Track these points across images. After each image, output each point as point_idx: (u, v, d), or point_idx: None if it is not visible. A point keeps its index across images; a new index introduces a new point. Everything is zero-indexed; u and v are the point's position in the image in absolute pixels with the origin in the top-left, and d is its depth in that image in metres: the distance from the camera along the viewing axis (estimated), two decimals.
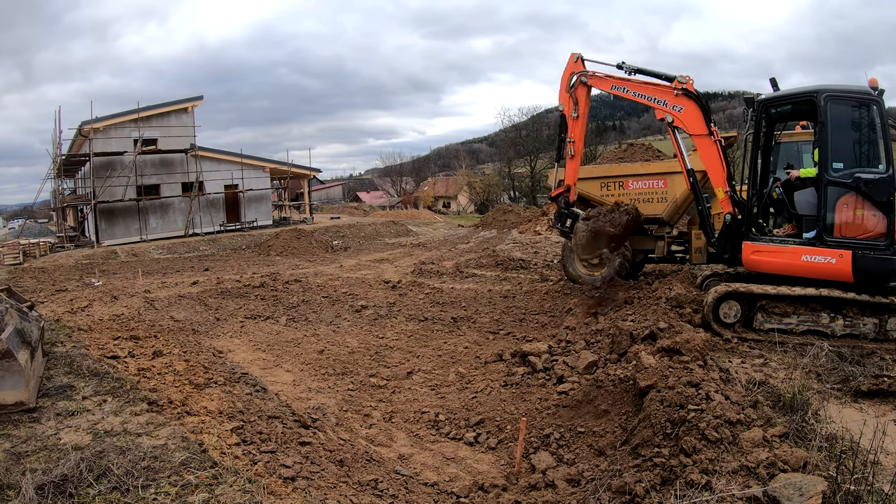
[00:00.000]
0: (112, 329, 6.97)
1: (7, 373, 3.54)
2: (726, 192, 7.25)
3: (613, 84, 8.64)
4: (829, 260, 5.97)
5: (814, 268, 6.09)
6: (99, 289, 11.90)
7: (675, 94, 7.80)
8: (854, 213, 5.95)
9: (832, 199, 6.01)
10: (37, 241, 22.69)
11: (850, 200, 5.94)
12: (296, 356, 6.99)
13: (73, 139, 24.83)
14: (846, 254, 5.87)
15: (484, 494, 3.88)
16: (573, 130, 9.06)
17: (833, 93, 6.03)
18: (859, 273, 5.83)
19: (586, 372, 5.51)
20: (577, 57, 8.81)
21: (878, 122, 5.84)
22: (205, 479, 2.89)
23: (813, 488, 2.72)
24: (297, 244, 21.15)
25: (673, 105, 7.82)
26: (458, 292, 10.84)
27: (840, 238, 5.97)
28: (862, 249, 5.83)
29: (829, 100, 6.00)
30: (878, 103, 5.87)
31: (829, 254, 5.98)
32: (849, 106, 6.01)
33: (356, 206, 53.17)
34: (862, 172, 5.86)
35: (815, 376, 5.08)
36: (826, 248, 6.01)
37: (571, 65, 8.88)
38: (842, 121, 6.01)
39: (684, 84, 7.76)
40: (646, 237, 10.78)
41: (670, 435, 3.49)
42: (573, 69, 8.86)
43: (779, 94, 6.71)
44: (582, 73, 8.77)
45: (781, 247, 6.39)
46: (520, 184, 53.42)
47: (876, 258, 5.76)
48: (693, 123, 7.67)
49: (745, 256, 6.75)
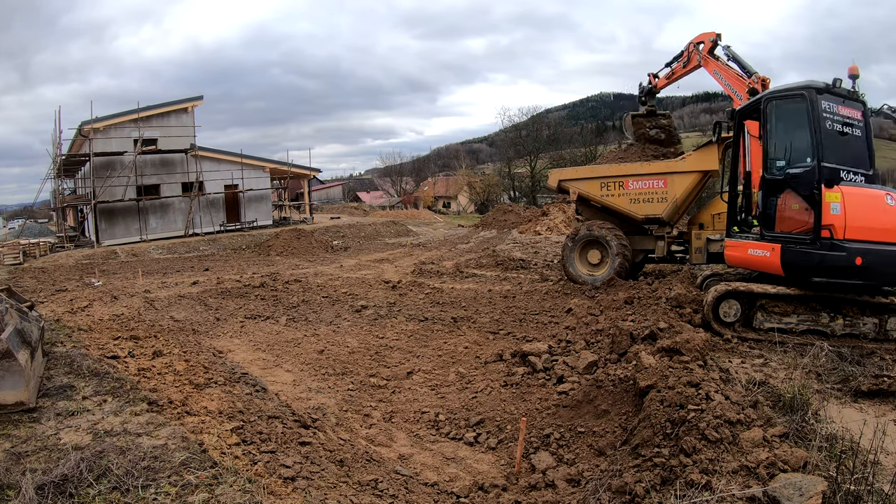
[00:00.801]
0: (112, 329, 6.98)
1: (7, 373, 3.53)
2: None
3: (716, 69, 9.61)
4: (765, 253, 6.17)
5: (756, 261, 6.36)
6: (99, 289, 11.90)
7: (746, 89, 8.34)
8: (788, 209, 6.11)
9: (773, 196, 6.28)
10: (37, 241, 22.70)
11: (787, 197, 6.13)
12: (296, 356, 6.99)
13: (73, 139, 24.83)
14: (776, 247, 6.03)
15: (484, 494, 3.88)
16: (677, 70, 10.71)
17: (772, 95, 6.35)
18: (787, 266, 5.97)
19: (586, 372, 5.51)
20: (714, 38, 9.77)
21: (810, 115, 5.89)
22: (205, 479, 2.89)
23: (813, 488, 2.72)
24: (297, 244, 21.15)
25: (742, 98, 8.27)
26: (458, 292, 10.84)
27: (776, 233, 6.19)
28: (789, 243, 5.96)
29: (769, 101, 6.33)
30: (808, 97, 5.92)
31: (765, 248, 6.19)
32: (785, 104, 6.23)
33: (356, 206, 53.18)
34: (793, 168, 6.04)
35: (815, 376, 5.08)
36: (764, 243, 6.25)
37: (706, 36, 9.89)
38: (780, 119, 6.27)
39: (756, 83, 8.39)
40: (646, 237, 10.79)
41: (670, 435, 3.48)
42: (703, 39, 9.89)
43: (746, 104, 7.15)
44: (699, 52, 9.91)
45: (738, 241, 6.76)
46: (520, 184, 53.41)
47: (801, 252, 5.85)
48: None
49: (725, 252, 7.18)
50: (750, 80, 8.76)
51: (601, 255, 10.64)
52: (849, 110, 6.12)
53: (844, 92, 6.08)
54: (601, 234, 10.43)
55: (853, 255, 5.49)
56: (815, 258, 5.67)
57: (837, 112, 6.02)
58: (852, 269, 5.51)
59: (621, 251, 10.25)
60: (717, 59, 9.79)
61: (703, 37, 10.03)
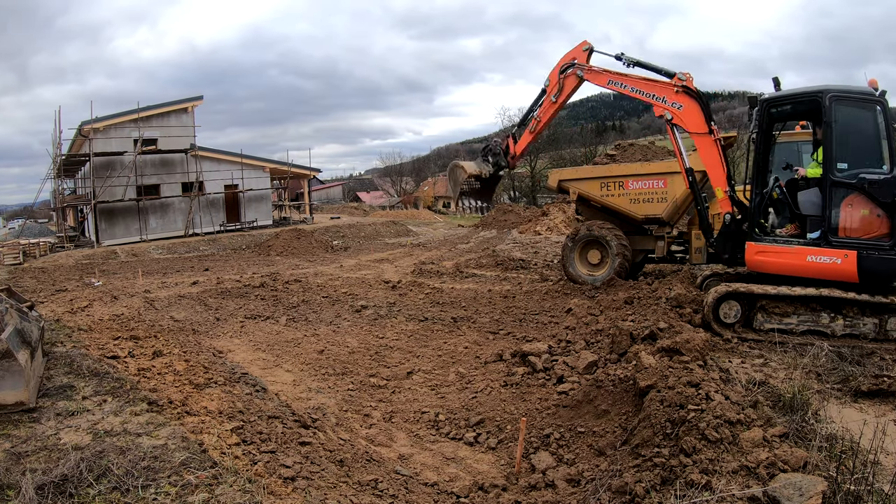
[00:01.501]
0: (112, 329, 6.98)
1: (7, 373, 3.54)
2: (726, 192, 7.20)
3: (610, 79, 8.41)
4: (834, 260, 5.97)
5: (818, 268, 6.08)
6: (99, 289, 11.90)
7: (675, 90, 7.68)
8: (859, 214, 5.96)
9: (837, 199, 6.02)
10: (37, 241, 22.70)
11: (855, 201, 5.95)
12: (296, 356, 6.99)
13: (72, 139, 24.84)
14: (851, 254, 5.88)
15: (484, 494, 3.88)
16: (545, 111, 9.16)
17: (838, 93, 6.01)
18: (864, 273, 5.85)
19: (586, 372, 5.51)
20: (588, 48, 8.66)
21: (885, 121, 5.86)
22: (205, 479, 2.89)
23: (813, 488, 2.72)
24: (297, 244, 21.15)
25: (672, 102, 7.70)
26: (458, 292, 10.84)
27: (844, 238, 5.98)
28: (866, 250, 5.84)
29: (834, 100, 5.98)
30: (881, 104, 5.88)
31: (835, 254, 5.98)
32: (853, 106, 6.01)
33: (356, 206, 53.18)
34: (867, 173, 5.88)
35: (815, 376, 5.08)
36: (831, 249, 6.01)
37: (578, 52, 8.73)
38: (846, 121, 6.01)
39: (684, 81, 7.64)
40: (646, 237, 10.79)
41: (670, 435, 3.48)
42: (576, 56, 8.72)
43: (782, 94, 6.65)
44: (579, 66, 8.66)
45: (786, 247, 6.36)
46: (520, 184, 53.39)
47: (880, 258, 5.78)
48: (693, 121, 7.56)
49: (749, 257, 6.69)
50: (675, 79, 7.71)
51: (601, 255, 10.64)
52: None
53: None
54: (601, 234, 10.43)
55: None
56: None
57: None
58: None
59: (621, 251, 10.24)
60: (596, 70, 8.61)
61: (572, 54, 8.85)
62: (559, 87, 8.81)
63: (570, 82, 8.79)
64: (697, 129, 7.50)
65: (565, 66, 8.77)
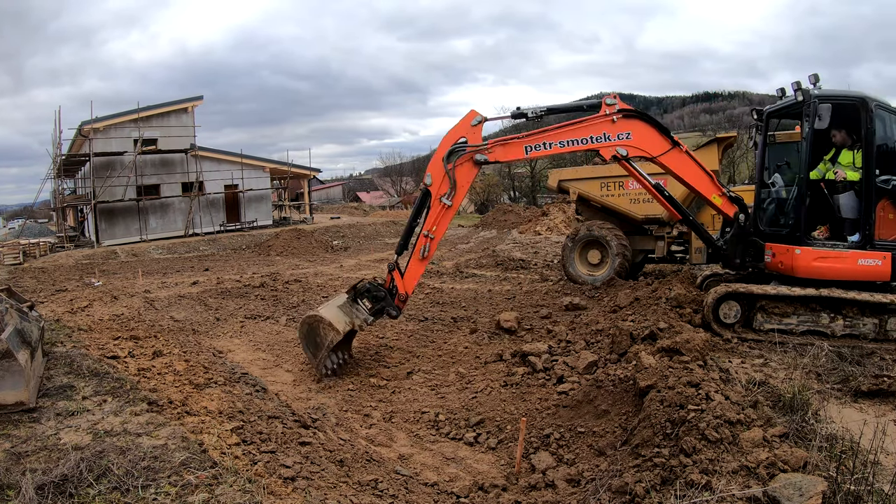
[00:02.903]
0: (112, 329, 6.98)
1: (7, 373, 3.54)
2: (722, 195, 6.93)
3: (527, 145, 6.53)
4: (876, 262, 6.09)
5: (863, 270, 6.14)
6: (99, 289, 11.90)
7: (612, 120, 6.43)
8: (887, 217, 6.16)
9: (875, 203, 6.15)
10: (37, 241, 22.70)
11: (886, 205, 6.16)
12: (296, 356, 6.98)
13: (72, 139, 24.83)
14: (888, 255, 6.05)
15: (484, 494, 3.88)
16: (437, 221, 6.46)
17: (879, 102, 6.15)
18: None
19: (586, 372, 5.51)
20: (479, 120, 6.49)
21: None
22: (205, 479, 2.89)
23: (813, 488, 2.72)
24: (297, 244, 21.15)
25: (618, 134, 6.47)
26: (458, 292, 10.84)
27: (884, 241, 6.14)
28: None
29: (879, 108, 6.09)
30: None
31: (877, 256, 6.10)
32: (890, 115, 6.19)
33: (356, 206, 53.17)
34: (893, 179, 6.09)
35: (815, 376, 5.08)
36: (875, 252, 6.13)
37: (465, 128, 6.52)
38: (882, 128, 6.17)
39: (615, 103, 6.40)
40: (646, 237, 10.79)
41: (670, 435, 3.48)
42: (463, 134, 6.51)
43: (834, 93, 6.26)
44: (476, 150, 6.42)
45: (843, 252, 6.21)
46: (520, 184, 53.39)
47: None
48: (652, 143, 6.55)
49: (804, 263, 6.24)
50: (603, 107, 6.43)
51: (601, 255, 10.64)
52: None
53: None
54: (601, 234, 10.43)
55: None
56: None
57: None
58: None
59: (621, 251, 10.25)
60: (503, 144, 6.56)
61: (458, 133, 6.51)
62: (451, 183, 6.32)
63: (466, 172, 6.45)
64: (660, 149, 6.52)
65: (452, 150, 6.38)
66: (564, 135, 6.50)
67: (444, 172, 6.32)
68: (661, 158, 6.55)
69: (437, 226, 6.48)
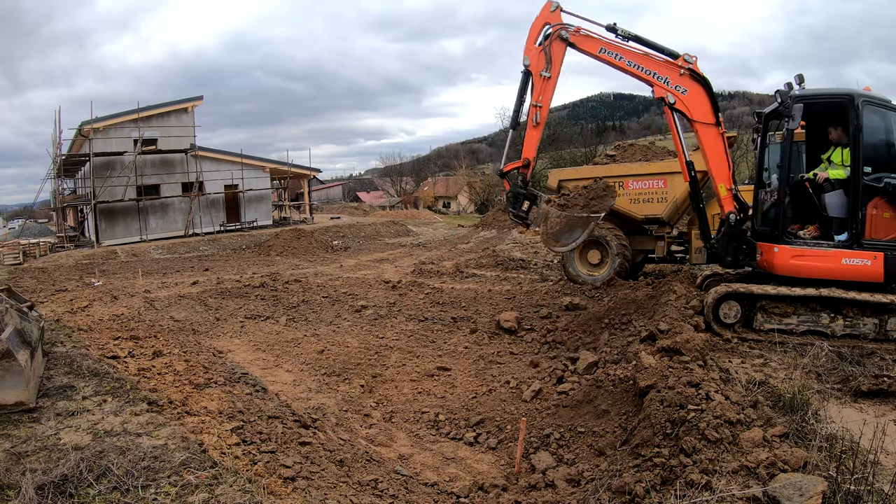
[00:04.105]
0: (112, 329, 6.97)
1: (7, 373, 3.53)
2: (729, 190, 6.95)
3: (603, 47, 7.11)
4: (865, 262, 6.04)
5: (852, 270, 6.11)
6: (99, 289, 11.90)
7: (680, 72, 6.89)
8: (881, 217, 6.07)
9: (864, 202, 6.09)
10: (37, 241, 22.67)
11: (879, 204, 6.05)
12: (296, 356, 6.99)
13: (72, 139, 24.82)
14: (879, 255, 5.99)
15: (484, 494, 3.88)
16: (541, 93, 7.32)
17: (868, 98, 6.10)
18: (890, 274, 5.98)
19: (586, 372, 5.51)
20: (556, 6, 7.19)
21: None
22: (205, 479, 2.88)
23: (813, 488, 2.71)
24: (297, 244, 21.14)
25: (676, 85, 6.94)
26: (458, 292, 10.84)
27: (873, 241, 6.07)
28: (891, 251, 5.96)
29: (867, 104, 6.06)
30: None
31: (865, 256, 6.05)
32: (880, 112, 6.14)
33: (356, 206, 53.15)
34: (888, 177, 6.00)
35: (815, 376, 5.08)
36: (862, 251, 6.08)
37: (546, 14, 7.26)
38: (873, 126, 6.12)
39: (691, 63, 6.87)
40: (646, 237, 10.80)
41: (670, 435, 3.48)
42: (548, 19, 7.24)
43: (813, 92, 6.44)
44: (561, 27, 7.17)
45: (822, 250, 6.26)
46: None
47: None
48: (699, 109, 6.91)
49: (781, 261, 6.40)
50: (680, 60, 6.94)
51: (601, 255, 10.65)
52: None
53: None
54: (601, 234, 10.43)
55: None
56: None
57: None
58: None
59: (621, 251, 10.25)
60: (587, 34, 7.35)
61: (542, 19, 7.30)
62: (547, 58, 7.18)
63: (556, 48, 7.21)
64: (703, 117, 6.87)
65: (540, 35, 7.27)
66: (637, 58, 7.08)
67: (538, 52, 7.25)
68: (697, 125, 6.96)
69: (543, 95, 7.34)
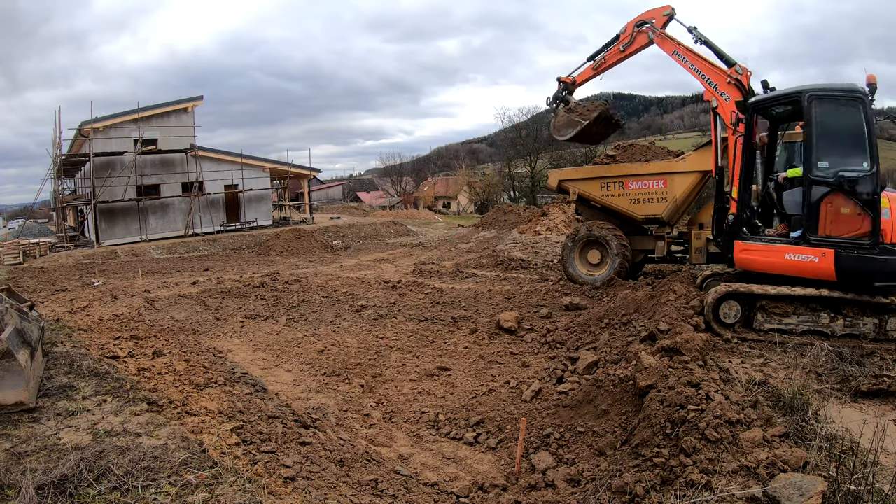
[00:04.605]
0: (112, 329, 6.97)
1: (7, 373, 3.53)
2: None
3: (676, 50, 8.70)
4: (812, 259, 5.97)
5: (797, 266, 6.11)
6: (99, 289, 11.90)
7: (727, 80, 7.84)
8: (836, 212, 5.93)
9: (817, 198, 6.00)
10: (37, 241, 22.66)
11: (835, 200, 5.93)
12: (296, 356, 6.99)
13: (72, 139, 24.81)
14: (829, 252, 5.86)
15: (484, 494, 3.88)
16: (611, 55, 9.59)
17: (820, 93, 6.04)
18: (842, 272, 5.83)
19: (586, 372, 5.51)
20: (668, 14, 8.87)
21: (866, 119, 5.79)
22: (205, 479, 2.88)
23: (813, 488, 2.71)
24: (297, 244, 21.14)
25: (721, 91, 7.87)
26: (458, 292, 10.83)
27: (823, 237, 5.97)
28: (845, 248, 5.82)
29: (814, 99, 6.01)
30: (863, 101, 5.81)
31: (812, 252, 5.98)
32: (836, 105, 6.02)
33: (356, 206, 53.14)
34: (845, 171, 5.84)
35: (815, 376, 5.08)
36: (809, 247, 6.02)
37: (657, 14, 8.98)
38: (827, 120, 6.02)
39: (739, 75, 7.78)
40: (646, 237, 10.78)
41: (670, 435, 3.48)
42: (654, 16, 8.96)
43: (767, 97, 6.79)
44: (653, 28, 8.94)
45: (768, 245, 6.42)
46: (520, 184, 53.34)
47: (860, 257, 5.73)
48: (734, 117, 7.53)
49: (735, 255, 6.81)
50: (731, 70, 7.98)
51: (601, 255, 10.64)
52: None
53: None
54: (601, 234, 10.43)
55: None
56: (878, 263, 5.63)
57: None
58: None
59: (621, 251, 10.24)
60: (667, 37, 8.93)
61: (652, 13, 9.12)
62: (630, 39, 9.15)
63: (641, 39, 9.09)
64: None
65: (641, 22, 9.08)
66: (698, 64, 8.42)
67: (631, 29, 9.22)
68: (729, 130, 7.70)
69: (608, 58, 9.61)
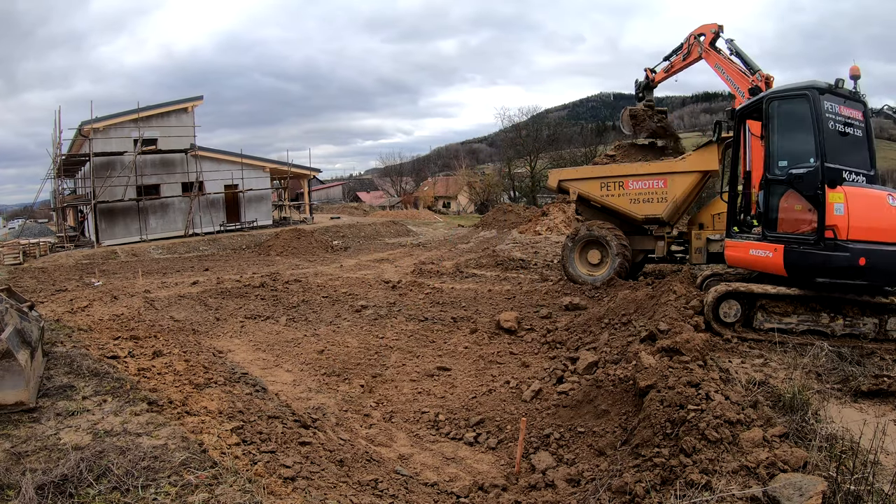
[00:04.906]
0: (112, 329, 6.97)
1: (7, 373, 3.53)
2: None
3: (717, 63, 9.60)
4: (767, 254, 6.16)
5: (757, 261, 6.37)
6: (99, 289, 11.90)
7: (749, 86, 8.13)
8: (791, 209, 6.11)
9: (775, 196, 6.25)
10: (37, 241, 22.66)
11: (790, 197, 6.11)
12: (296, 356, 6.99)
13: (72, 139, 24.81)
14: (779, 248, 6.03)
15: (484, 494, 3.88)
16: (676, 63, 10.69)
17: (774, 94, 6.34)
18: (789, 267, 5.97)
19: (586, 372, 5.51)
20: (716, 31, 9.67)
21: (813, 115, 5.89)
22: (205, 479, 2.88)
23: (813, 488, 2.71)
24: (297, 244, 21.15)
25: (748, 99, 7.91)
26: (458, 292, 10.83)
27: (778, 234, 6.16)
28: (792, 244, 5.95)
29: (771, 101, 6.32)
30: (811, 98, 5.91)
31: (768, 248, 6.18)
32: (787, 104, 6.23)
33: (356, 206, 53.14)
34: (795, 168, 6.00)
35: (815, 376, 5.07)
36: (766, 243, 6.23)
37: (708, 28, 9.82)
38: (782, 120, 6.26)
39: (758, 82, 8.25)
40: (646, 237, 10.79)
41: (670, 435, 3.48)
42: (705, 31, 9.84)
43: (746, 103, 7.13)
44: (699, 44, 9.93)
45: (739, 242, 6.74)
46: (520, 184, 53.35)
47: (804, 252, 5.84)
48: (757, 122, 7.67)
49: (725, 251, 7.16)
50: (753, 77, 8.64)
51: (601, 255, 10.64)
52: (850, 111, 6.13)
53: (846, 92, 6.08)
54: (601, 234, 10.43)
55: (857, 255, 5.50)
56: (819, 259, 5.67)
57: (839, 112, 6.03)
58: (856, 269, 5.52)
59: (621, 251, 10.25)
60: (718, 51, 9.69)
61: (705, 28, 9.93)
62: (688, 49, 10.21)
63: (694, 51, 10.06)
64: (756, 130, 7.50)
65: (699, 34, 10.00)
66: (731, 73, 9.24)
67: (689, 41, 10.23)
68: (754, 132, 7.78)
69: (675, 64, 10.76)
